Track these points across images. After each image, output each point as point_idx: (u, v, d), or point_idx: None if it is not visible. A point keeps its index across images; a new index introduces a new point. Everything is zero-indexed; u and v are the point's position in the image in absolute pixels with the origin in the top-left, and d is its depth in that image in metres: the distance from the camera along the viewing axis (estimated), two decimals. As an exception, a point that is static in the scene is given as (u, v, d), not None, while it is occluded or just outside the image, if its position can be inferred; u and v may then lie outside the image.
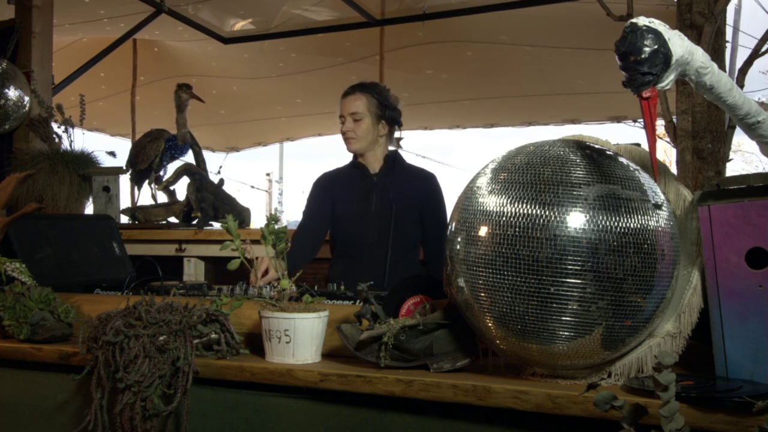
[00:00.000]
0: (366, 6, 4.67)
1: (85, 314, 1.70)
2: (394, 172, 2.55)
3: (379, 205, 2.52)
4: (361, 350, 1.34)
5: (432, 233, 2.53)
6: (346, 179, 2.60)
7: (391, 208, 2.48)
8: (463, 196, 1.28)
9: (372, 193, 2.54)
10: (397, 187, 2.51)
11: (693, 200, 1.27)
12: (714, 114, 2.76)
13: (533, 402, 1.14)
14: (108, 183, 3.36)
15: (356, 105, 2.51)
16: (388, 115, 2.53)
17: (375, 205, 2.52)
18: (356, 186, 2.57)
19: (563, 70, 5.49)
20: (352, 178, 2.59)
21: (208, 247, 3.29)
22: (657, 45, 1.11)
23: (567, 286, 1.11)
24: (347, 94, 2.56)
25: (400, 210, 2.48)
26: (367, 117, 2.51)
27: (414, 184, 2.56)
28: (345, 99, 2.55)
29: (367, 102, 2.51)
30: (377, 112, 2.52)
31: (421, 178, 2.60)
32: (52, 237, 2.13)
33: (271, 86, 6.29)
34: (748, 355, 1.14)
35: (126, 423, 1.31)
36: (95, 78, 5.48)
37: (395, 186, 2.51)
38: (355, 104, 2.51)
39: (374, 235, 2.49)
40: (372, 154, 2.56)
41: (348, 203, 2.56)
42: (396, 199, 2.49)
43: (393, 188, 2.51)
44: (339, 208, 2.57)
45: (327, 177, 2.65)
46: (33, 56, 3.51)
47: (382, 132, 2.55)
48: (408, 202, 2.51)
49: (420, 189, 2.55)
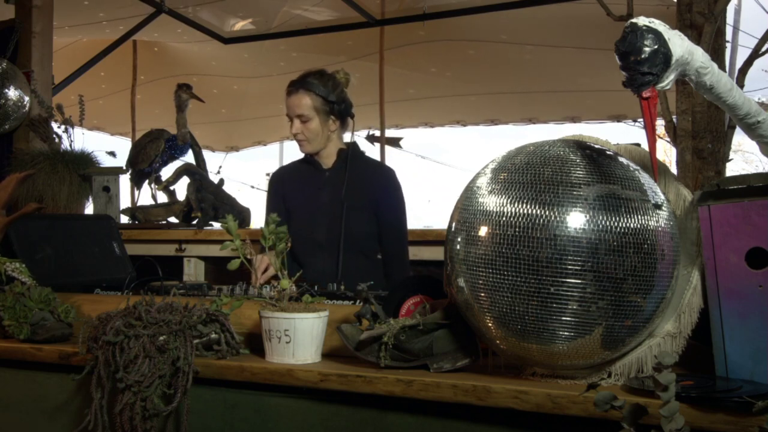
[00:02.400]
0: (366, 6, 4.67)
1: (85, 314, 1.70)
2: (347, 167, 2.36)
3: (330, 202, 2.34)
4: (361, 350, 1.34)
5: (387, 233, 2.37)
6: (297, 175, 2.45)
7: (342, 205, 2.30)
8: (463, 196, 1.28)
9: (322, 190, 2.37)
10: (349, 183, 2.32)
11: (693, 200, 1.27)
12: (714, 114, 2.76)
13: (533, 402, 1.14)
14: (108, 183, 3.36)
15: (300, 106, 2.31)
16: (336, 110, 2.34)
17: (325, 202, 2.35)
18: (307, 182, 2.41)
19: (563, 69, 5.50)
20: (303, 174, 2.44)
21: (208, 247, 3.29)
22: (657, 45, 1.11)
23: (567, 286, 1.11)
24: (290, 93, 2.34)
25: (352, 207, 2.30)
26: (315, 116, 2.32)
27: (369, 179, 2.38)
28: (289, 99, 2.35)
29: (312, 101, 2.31)
30: (324, 108, 2.33)
31: (377, 173, 2.43)
32: (52, 237, 2.13)
33: (272, 85, 6.28)
34: (748, 355, 1.14)
35: (126, 423, 1.31)
36: (95, 78, 5.49)
37: (348, 181, 2.32)
38: (299, 105, 2.32)
39: (323, 235, 2.33)
40: (325, 151, 2.39)
41: (297, 200, 2.41)
42: (348, 195, 2.31)
43: (346, 184, 2.32)
44: (289, 205, 2.42)
45: (280, 173, 2.52)
46: (33, 56, 3.51)
47: (333, 128, 2.36)
48: (361, 199, 2.33)
49: (375, 185, 2.37)
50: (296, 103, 2.32)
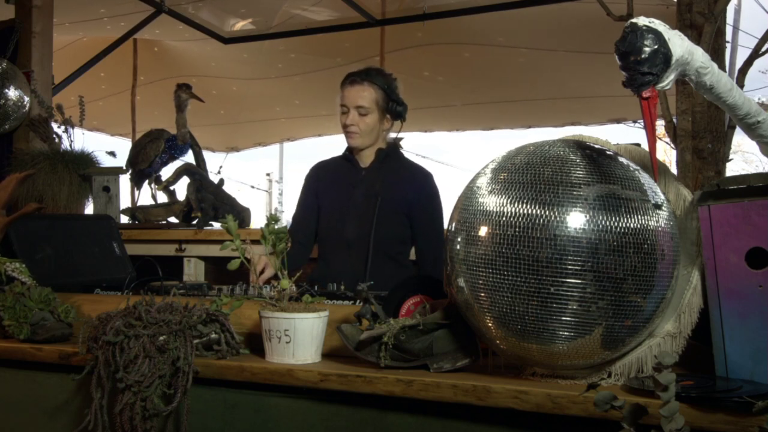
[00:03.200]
0: (366, 6, 4.67)
1: (85, 314, 1.70)
2: (384, 167, 2.34)
3: (363, 200, 2.30)
4: (361, 350, 1.34)
5: (422, 238, 2.34)
6: (334, 172, 2.42)
7: (375, 204, 2.25)
8: (463, 196, 1.28)
9: (357, 188, 2.33)
10: (385, 183, 2.30)
11: (693, 200, 1.27)
12: (714, 114, 2.76)
13: (533, 402, 1.14)
14: (108, 183, 3.36)
15: (363, 97, 2.27)
16: (395, 110, 2.32)
17: (358, 200, 2.31)
18: (342, 179, 2.38)
19: (561, 73, 5.49)
20: (340, 171, 2.40)
21: (208, 247, 3.29)
22: (657, 45, 1.11)
23: (567, 286, 1.11)
24: (353, 83, 2.30)
25: (385, 207, 2.26)
26: (374, 112, 2.29)
27: (405, 181, 2.34)
28: (350, 88, 2.30)
29: (375, 95, 2.28)
30: (384, 106, 2.30)
31: (414, 175, 2.38)
32: (52, 237, 2.13)
33: (271, 86, 6.29)
34: (748, 355, 1.14)
35: (126, 423, 1.31)
36: (95, 78, 5.49)
37: (384, 182, 2.30)
38: (362, 96, 2.27)
39: (353, 234, 2.29)
40: (369, 149, 2.36)
41: (330, 197, 2.37)
42: (382, 194, 2.27)
43: (381, 184, 2.29)
44: (322, 202, 2.39)
45: (316, 168, 2.48)
46: (33, 56, 3.51)
47: (386, 127, 2.35)
48: (395, 201, 2.29)
49: (411, 187, 2.34)
50: (359, 94, 2.29)
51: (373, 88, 2.29)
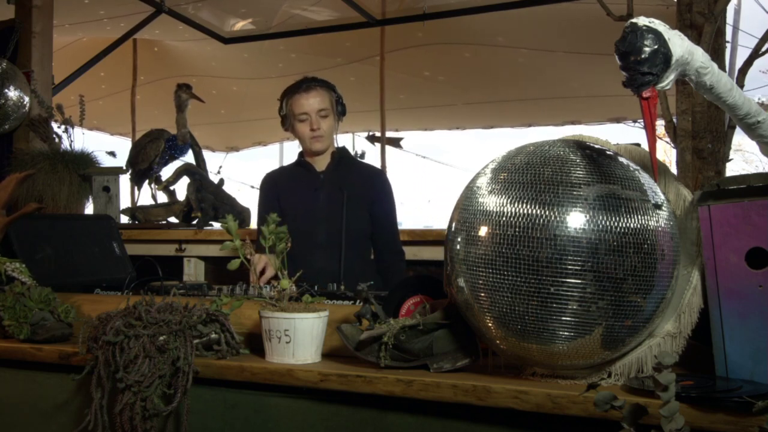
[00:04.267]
0: (366, 6, 4.67)
1: (85, 314, 1.70)
2: (341, 168, 2.44)
3: (328, 202, 2.39)
4: (361, 350, 1.34)
5: (382, 231, 2.45)
6: (291, 178, 2.49)
7: (340, 206, 2.33)
8: (463, 196, 1.28)
9: (319, 191, 2.41)
10: (347, 183, 2.38)
11: (693, 200, 1.27)
12: (714, 114, 2.76)
13: (533, 402, 1.14)
14: (108, 183, 3.36)
15: (323, 101, 2.37)
16: (340, 111, 2.44)
17: (323, 202, 2.40)
18: (302, 184, 2.45)
19: (561, 73, 5.50)
20: (297, 177, 2.47)
21: (208, 247, 3.29)
22: (657, 45, 1.11)
23: (567, 286, 1.11)
24: (309, 89, 2.37)
25: (351, 208, 2.35)
26: (331, 114, 2.40)
27: (363, 180, 2.45)
28: (309, 94, 2.37)
29: (330, 97, 2.39)
30: (337, 108, 2.42)
31: (371, 174, 2.53)
32: (52, 237, 2.13)
33: (271, 86, 6.28)
34: (748, 355, 1.14)
35: (126, 423, 1.31)
36: (95, 78, 5.49)
37: (345, 183, 2.38)
38: (323, 100, 2.37)
39: (323, 235, 2.37)
40: (325, 153, 2.46)
41: (292, 202, 2.44)
42: (348, 195, 2.34)
43: (343, 185, 2.36)
44: (284, 205, 2.44)
45: (271, 177, 2.54)
46: (33, 56, 3.51)
47: (337, 128, 2.46)
48: (359, 199, 2.39)
49: (369, 186, 2.45)
50: (319, 98, 2.37)
51: (328, 92, 2.41)
